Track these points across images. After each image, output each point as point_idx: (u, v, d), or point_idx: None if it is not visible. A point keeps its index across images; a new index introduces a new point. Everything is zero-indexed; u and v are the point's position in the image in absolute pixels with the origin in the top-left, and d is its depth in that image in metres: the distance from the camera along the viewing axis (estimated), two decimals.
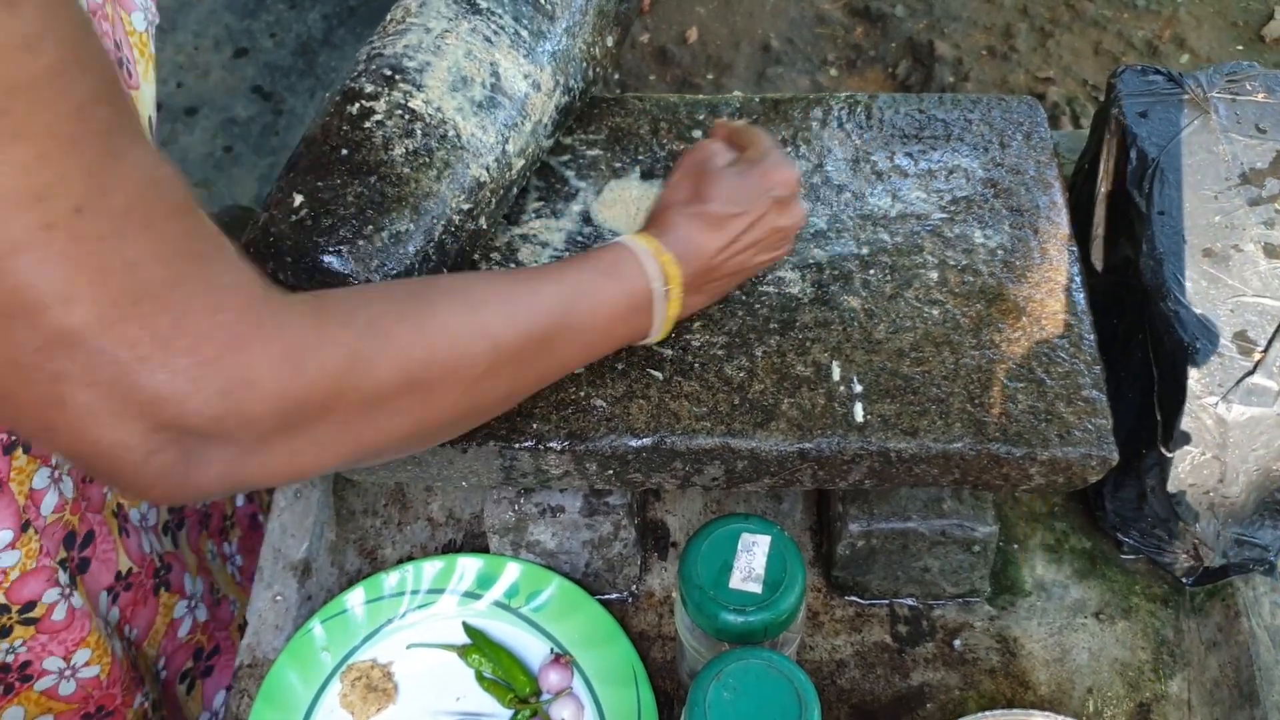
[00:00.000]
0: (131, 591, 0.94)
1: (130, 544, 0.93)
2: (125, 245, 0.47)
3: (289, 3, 2.82)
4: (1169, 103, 0.95)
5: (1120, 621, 0.90)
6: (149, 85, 0.71)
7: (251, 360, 0.51)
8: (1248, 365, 0.79)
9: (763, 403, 0.80)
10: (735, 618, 0.74)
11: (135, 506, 0.94)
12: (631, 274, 0.74)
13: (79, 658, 0.89)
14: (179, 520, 1.02)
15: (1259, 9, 2.76)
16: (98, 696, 0.92)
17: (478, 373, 0.65)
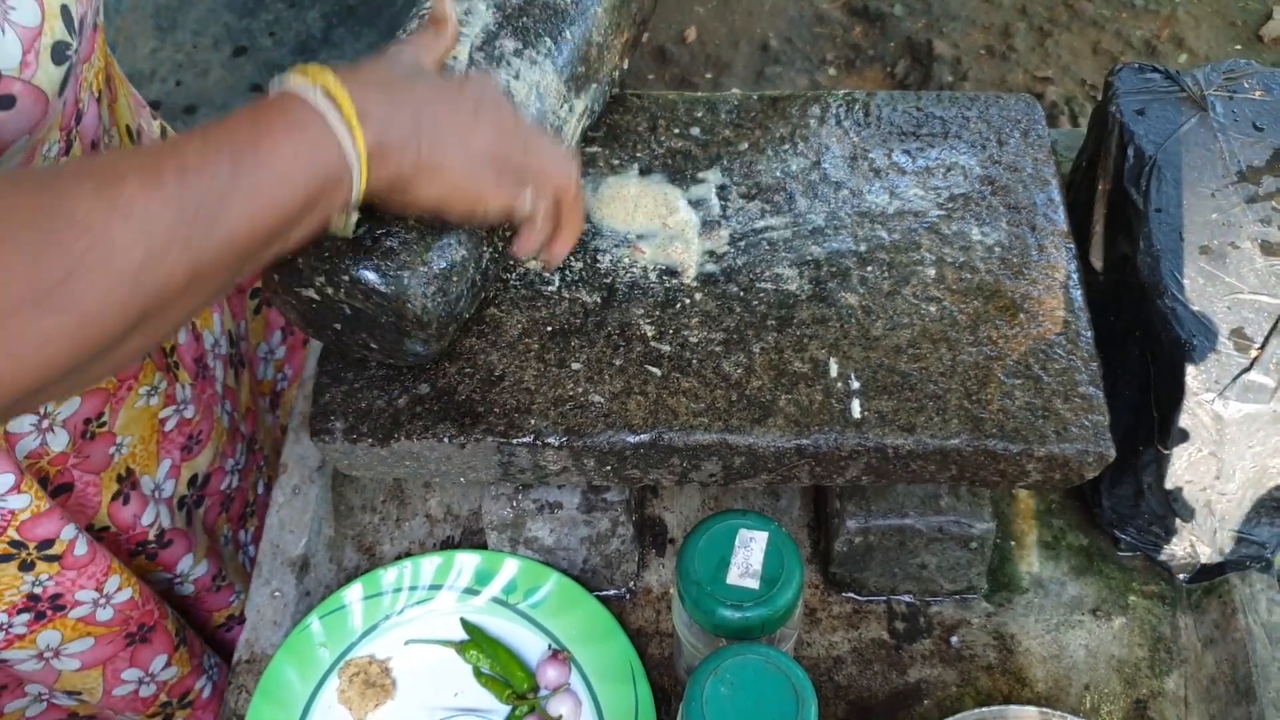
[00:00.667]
0: (102, 544, 0.94)
1: (123, 511, 0.93)
2: None
3: (288, 2, 2.82)
4: (1166, 101, 0.95)
5: (1117, 618, 0.90)
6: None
7: None
8: (1244, 362, 0.79)
9: (760, 399, 0.80)
10: (732, 613, 0.74)
11: (149, 474, 0.94)
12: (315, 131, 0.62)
13: (110, 585, 0.90)
14: (198, 498, 1.02)
15: (1257, 9, 2.77)
16: (136, 616, 0.94)
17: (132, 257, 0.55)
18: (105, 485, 0.90)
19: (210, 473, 1.02)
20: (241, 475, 1.09)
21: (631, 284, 0.86)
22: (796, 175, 0.93)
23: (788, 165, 0.94)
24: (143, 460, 0.93)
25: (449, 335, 0.80)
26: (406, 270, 0.74)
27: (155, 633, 0.96)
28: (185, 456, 0.98)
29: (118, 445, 0.90)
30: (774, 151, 0.95)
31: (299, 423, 1.01)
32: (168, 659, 0.98)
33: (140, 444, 0.92)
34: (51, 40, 0.68)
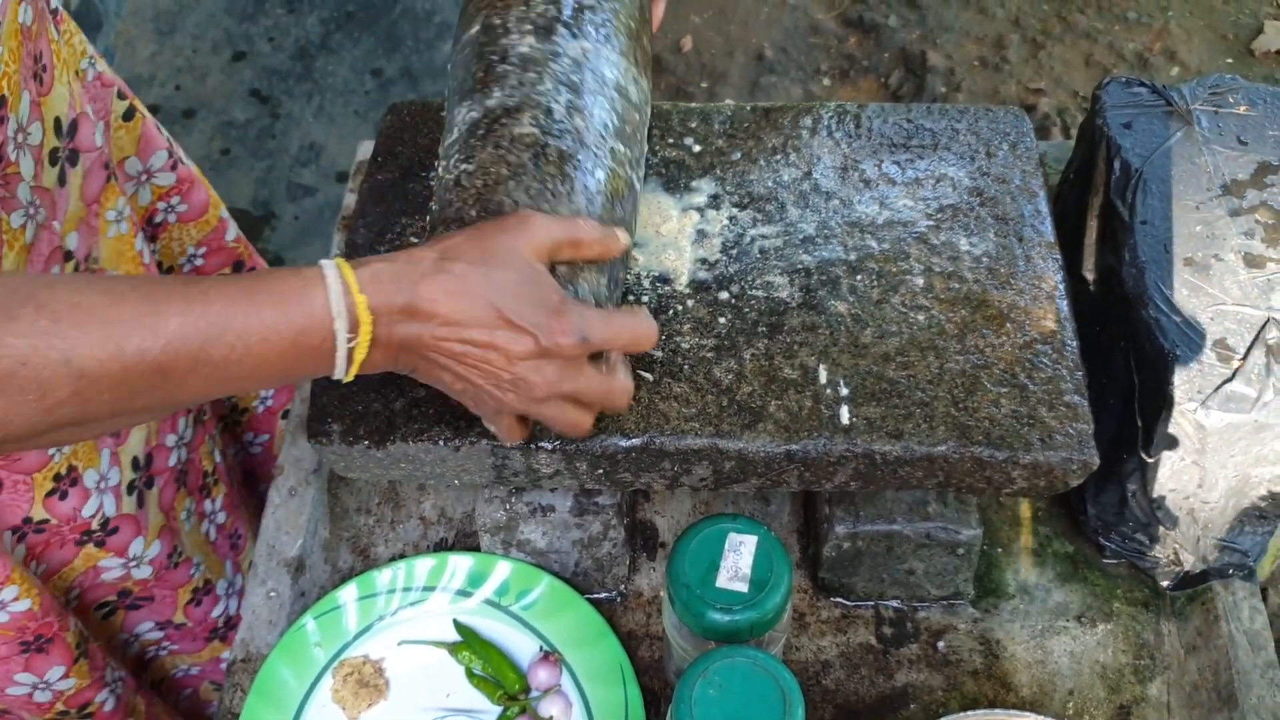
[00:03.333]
0: (43, 535, 0.94)
1: (60, 505, 0.92)
2: None
3: (287, 7, 2.84)
4: (1153, 114, 0.96)
5: (1101, 625, 0.91)
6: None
7: None
8: (1227, 372, 0.81)
9: (751, 405, 0.81)
10: (721, 616, 0.75)
11: (93, 467, 0.94)
12: (308, 309, 0.65)
13: (6, 594, 0.89)
14: (148, 479, 1.02)
15: (1248, 23, 2.79)
16: (34, 627, 0.93)
17: (57, 397, 0.60)
18: (38, 485, 0.90)
19: (150, 453, 1.01)
20: (189, 448, 1.08)
21: (625, 290, 0.87)
22: (788, 185, 0.94)
23: (779, 175, 0.95)
24: (85, 456, 0.92)
25: None
26: None
27: (54, 644, 0.95)
28: (118, 442, 0.97)
29: (58, 447, 0.90)
30: (766, 162, 0.96)
31: (296, 425, 1.02)
32: (65, 670, 0.97)
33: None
34: None
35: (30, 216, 0.84)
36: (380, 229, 0.93)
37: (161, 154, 1.07)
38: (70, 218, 0.90)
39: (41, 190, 0.85)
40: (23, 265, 0.84)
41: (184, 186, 1.10)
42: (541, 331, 0.68)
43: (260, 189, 2.49)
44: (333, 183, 2.51)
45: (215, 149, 2.56)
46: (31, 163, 0.84)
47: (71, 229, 0.90)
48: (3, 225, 0.81)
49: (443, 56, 2.67)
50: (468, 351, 0.68)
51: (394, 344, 0.68)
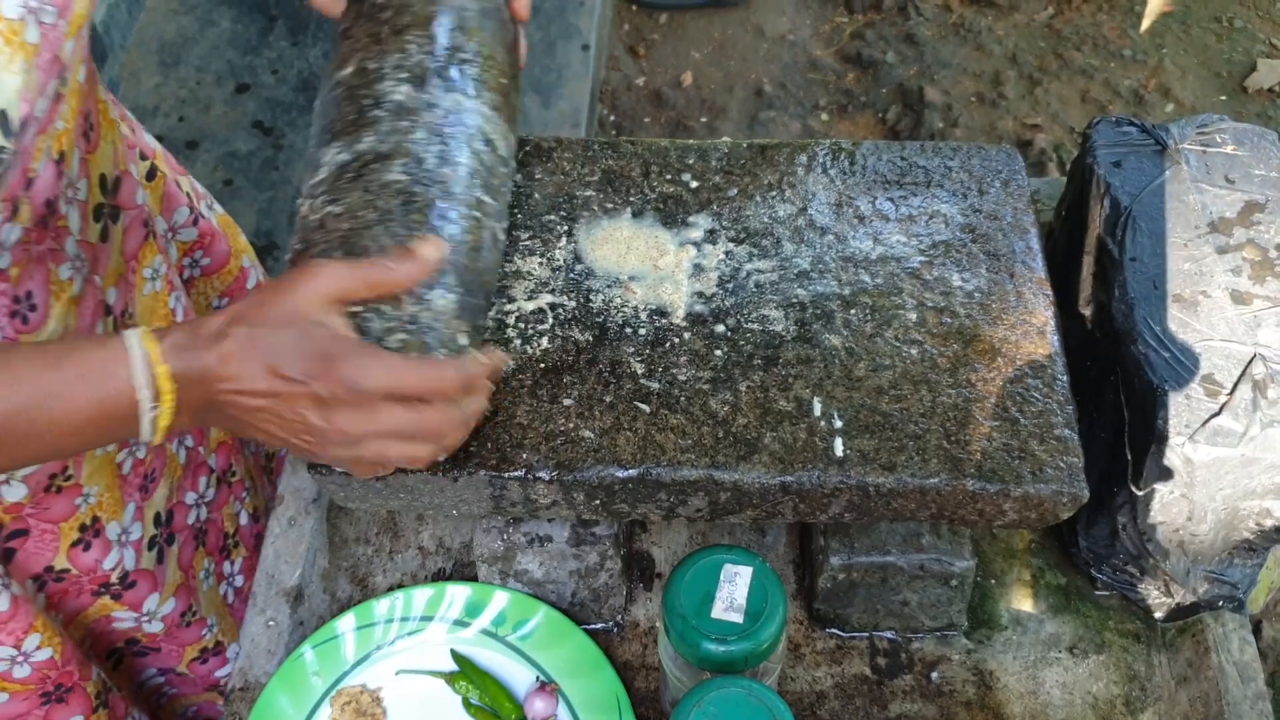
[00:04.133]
0: (63, 584, 0.95)
1: (83, 556, 0.93)
2: None
3: (291, 40, 2.87)
4: (1142, 153, 0.98)
5: (1093, 656, 0.92)
6: (10, 75, 0.68)
7: None
8: (1214, 407, 0.82)
9: (746, 436, 0.82)
10: (716, 647, 0.76)
11: (115, 519, 0.95)
12: (112, 380, 0.69)
13: (29, 643, 0.90)
14: (168, 535, 1.03)
15: (1242, 60, 2.82)
16: (54, 676, 0.94)
17: None
18: (64, 534, 0.91)
19: (170, 509, 1.03)
20: (210, 508, 1.09)
21: (623, 323, 0.89)
22: (784, 221, 0.96)
23: (775, 211, 0.97)
24: (109, 507, 0.94)
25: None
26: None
27: (73, 694, 0.96)
28: (144, 496, 0.99)
29: (84, 496, 0.91)
30: (762, 198, 0.98)
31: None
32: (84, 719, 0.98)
33: (106, 491, 0.93)
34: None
35: (77, 270, 0.86)
36: None
37: (183, 210, 1.08)
38: (110, 273, 0.92)
39: (86, 245, 0.88)
40: (71, 317, 0.86)
41: (205, 240, 1.12)
42: (313, 381, 0.70)
43: (263, 220, 2.51)
44: None
45: (218, 180, 2.58)
46: (79, 218, 0.86)
47: (111, 284, 0.92)
48: (51, 276, 0.84)
49: None
50: (260, 406, 0.71)
51: (195, 406, 0.71)
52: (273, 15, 2.91)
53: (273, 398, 0.71)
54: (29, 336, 0.82)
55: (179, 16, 2.93)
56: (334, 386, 0.70)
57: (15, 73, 0.69)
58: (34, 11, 0.71)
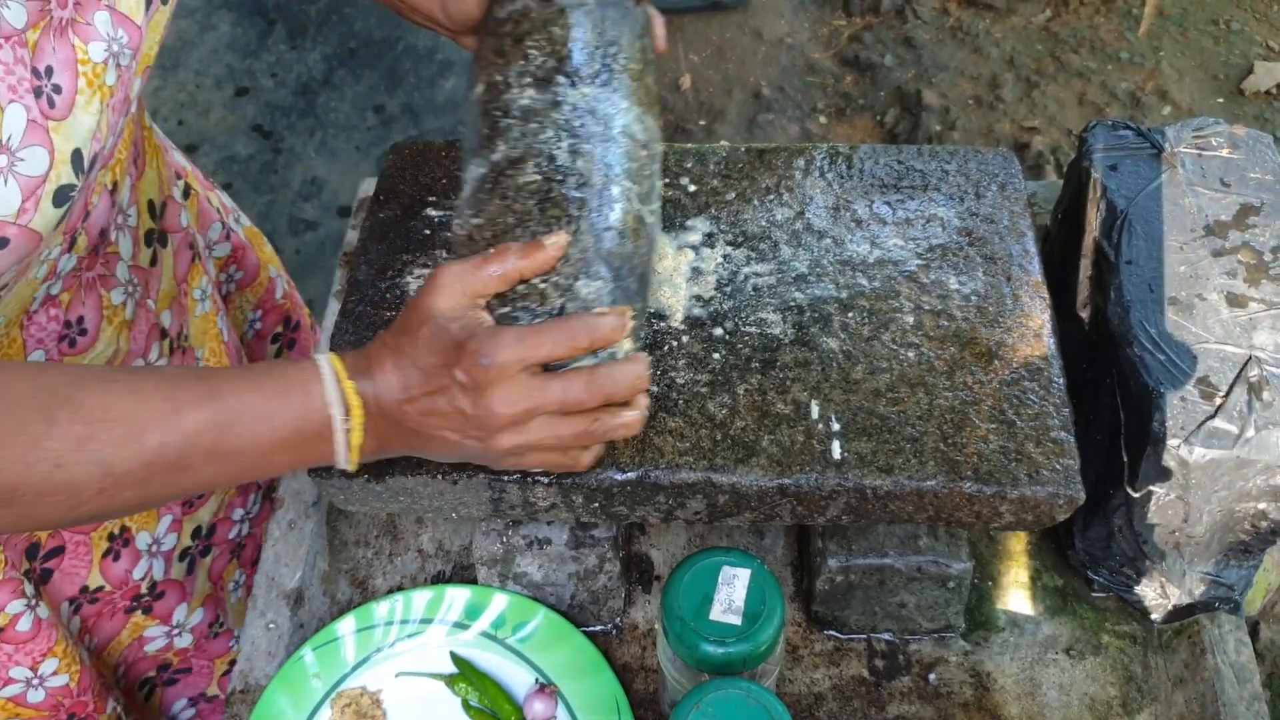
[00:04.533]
0: (97, 605, 0.95)
1: (114, 567, 0.94)
2: None
3: (290, 43, 2.87)
4: (1138, 157, 0.98)
5: (1090, 657, 0.93)
6: (88, 115, 0.71)
7: None
8: (1209, 409, 0.82)
9: (744, 439, 0.83)
10: (715, 649, 0.76)
11: (147, 529, 0.96)
12: (308, 398, 0.70)
13: (46, 667, 0.91)
14: (204, 548, 1.03)
15: (1239, 63, 2.83)
16: (69, 705, 0.94)
17: (85, 495, 0.65)
18: (95, 544, 0.92)
19: (215, 523, 1.04)
20: (253, 523, 1.10)
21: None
22: (781, 224, 0.96)
23: (773, 215, 0.97)
24: (142, 518, 0.94)
25: None
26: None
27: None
28: (187, 511, 0.99)
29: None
30: (760, 201, 0.98)
31: None
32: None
33: None
34: (55, 186, 0.69)
35: (129, 295, 0.88)
36: (382, 266, 0.95)
37: (216, 226, 1.09)
38: (163, 296, 0.93)
39: (138, 269, 0.89)
40: (124, 341, 0.87)
41: (238, 254, 1.13)
42: (454, 368, 0.71)
43: (262, 223, 2.51)
44: (334, 217, 2.53)
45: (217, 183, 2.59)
46: (130, 243, 0.88)
47: (165, 307, 0.93)
48: (104, 301, 0.85)
49: (444, 93, 2.70)
50: (423, 409, 0.72)
51: (378, 429, 0.73)
52: (272, 19, 2.92)
53: (428, 396, 0.71)
54: (76, 359, 0.83)
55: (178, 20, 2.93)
56: (470, 368, 0.70)
57: (92, 113, 0.72)
58: (115, 55, 0.74)
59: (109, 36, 0.73)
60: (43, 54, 0.68)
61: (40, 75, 0.68)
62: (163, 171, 0.94)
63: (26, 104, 0.67)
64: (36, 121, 0.67)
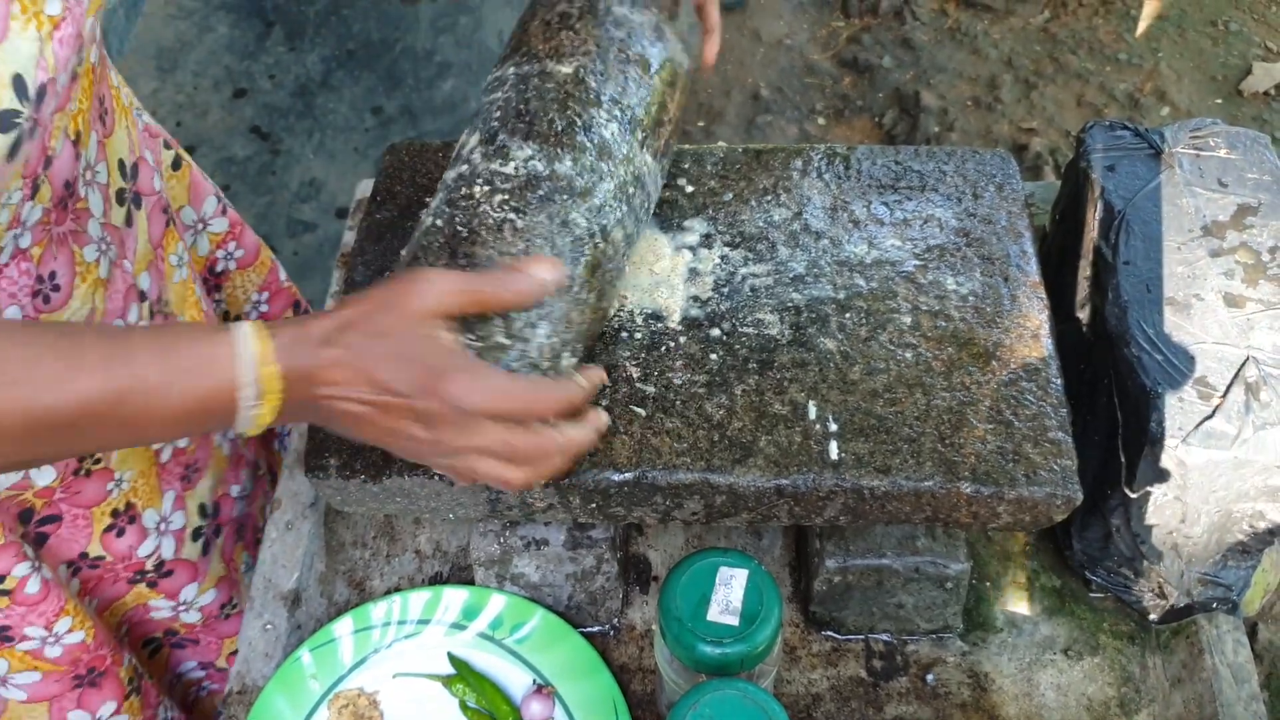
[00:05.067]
0: (97, 571, 0.95)
1: (116, 542, 0.94)
2: None
3: (288, 45, 2.87)
4: (1135, 157, 0.98)
5: (1088, 658, 0.93)
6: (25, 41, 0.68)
7: None
8: (1207, 410, 0.82)
9: (741, 440, 0.83)
10: (712, 649, 0.76)
11: (153, 507, 0.96)
12: (218, 374, 0.68)
13: (61, 626, 0.91)
14: (215, 527, 1.03)
15: (1237, 64, 2.83)
16: (86, 659, 0.94)
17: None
18: (96, 519, 0.92)
19: (217, 500, 1.04)
20: (248, 501, 1.10)
21: (618, 327, 0.89)
22: (779, 225, 0.96)
23: (770, 215, 0.97)
24: (145, 494, 0.94)
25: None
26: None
27: (106, 678, 0.96)
28: (186, 486, 0.99)
29: (116, 481, 0.92)
30: (757, 202, 0.98)
31: (294, 459, 1.03)
32: (116, 705, 0.98)
33: (140, 478, 0.94)
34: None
35: (103, 253, 0.87)
36: (379, 267, 0.95)
37: (212, 200, 1.08)
38: (140, 259, 0.92)
39: (111, 228, 0.88)
40: (99, 299, 0.86)
41: (236, 230, 1.12)
42: (418, 398, 0.69)
43: (260, 224, 2.51)
44: (332, 218, 2.53)
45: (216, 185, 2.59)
46: (100, 200, 0.86)
47: (142, 269, 0.92)
48: (76, 258, 0.84)
49: (442, 94, 2.70)
50: (360, 413, 0.70)
51: (293, 404, 0.70)
52: (270, 21, 2.92)
53: (375, 407, 0.69)
54: (50, 316, 0.82)
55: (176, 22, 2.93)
56: (438, 404, 0.68)
57: (30, 39, 0.69)
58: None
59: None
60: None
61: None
62: (133, 132, 0.93)
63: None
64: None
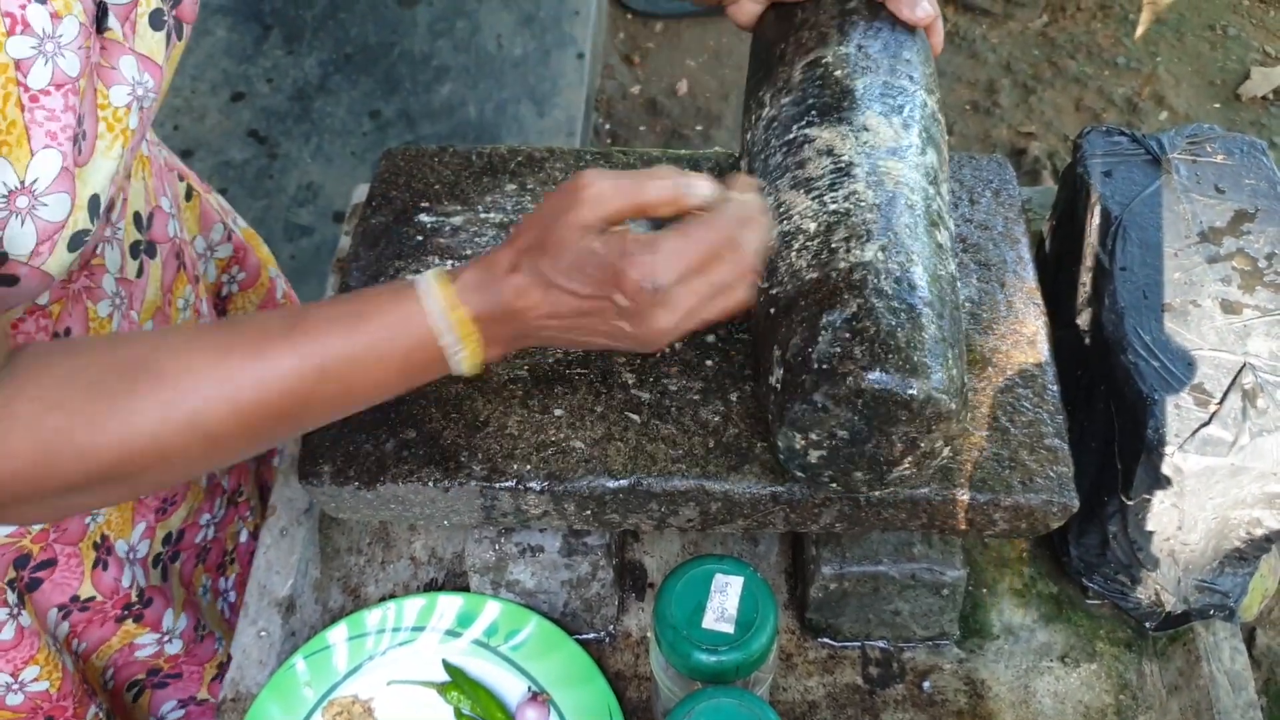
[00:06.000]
0: (87, 614, 0.95)
1: (104, 577, 0.94)
2: None
3: (286, 49, 2.87)
4: (1132, 163, 0.98)
5: (1085, 665, 0.92)
6: (108, 160, 0.71)
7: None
8: (1204, 416, 0.82)
9: (737, 446, 0.82)
10: (708, 657, 0.76)
11: (123, 537, 0.95)
12: (418, 333, 0.69)
13: (27, 674, 0.90)
14: (173, 553, 1.03)
15: (1235, 68, 2.83)
16: (47, 708, 0.93)
17: (190, 457, 0.66)
18: (84, 555, 0.92)
19: (184, 529, 1.03)
20: (218, 527, 1.09)
21: None
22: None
23: None
24: (118, 526, 0.94)
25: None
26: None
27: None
28: (160, 518, 0.99)
29: (92, 515, 0.92)
30: None
31: (288, 465, 1.03)
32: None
33: (115, 511, 0.93)
34: (72, 231, 0.69)
35: (116, 307, 0.87)
36: (374, 272, 0.95)
37: (219, 227, 1.08)
38: (147, 306, 0.92)
39: (125, 281, 0.89)
40: None
41: (240, 255, 1.12)
42: (614, 293, 0.68)
43: (257, 228, 2.49)
44: (329, 222, 2.53)
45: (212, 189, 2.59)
46: (117, 256, 0.87)
47: (148, 318, 0.93)
48: (90, 313, 0.85)
49: (440, 99, 2.70)
50: (573, 324, 0.70)
51: (506, 338, 0.71)
52: (268, 24, 2.92)
53: (583, 315, 0.69)
54: None
55: None
56: (633, 294, 0.67)
57: (113, 158, 0.71)
58: (139, 99, 0.73)
59: (134, 81, 0.72)
60: (86, 100, 0.68)
61: (80, 121, 0.68)
62: (149, 181, 0.93)
63: (64, 150, 0.66)
64: (68, 169, 0.67)
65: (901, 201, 0.77)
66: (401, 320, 0.69)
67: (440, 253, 0.95)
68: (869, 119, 0.81)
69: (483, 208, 0.99)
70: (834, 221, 0.77)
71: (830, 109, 0.82)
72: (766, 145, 0.85)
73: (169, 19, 0.75)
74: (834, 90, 0.83)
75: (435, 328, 0.69)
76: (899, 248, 0.75)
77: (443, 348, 0.69)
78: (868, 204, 0.77)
